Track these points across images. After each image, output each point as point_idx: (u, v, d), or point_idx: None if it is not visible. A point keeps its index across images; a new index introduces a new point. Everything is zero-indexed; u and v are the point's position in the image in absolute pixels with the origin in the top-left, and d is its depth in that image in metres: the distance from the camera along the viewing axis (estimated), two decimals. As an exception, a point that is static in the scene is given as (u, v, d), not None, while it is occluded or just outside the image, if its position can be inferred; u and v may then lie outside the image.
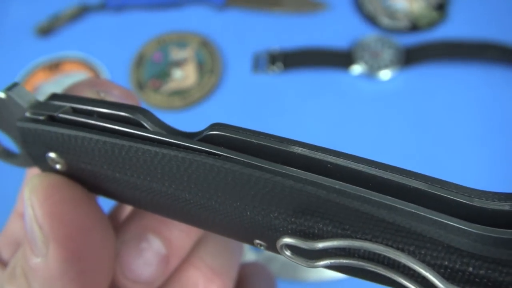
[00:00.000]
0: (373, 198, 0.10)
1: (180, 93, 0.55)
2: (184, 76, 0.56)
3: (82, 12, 0.62)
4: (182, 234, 0.17)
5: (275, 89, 0.55)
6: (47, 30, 0.60)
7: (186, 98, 0.54)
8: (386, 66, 0.53)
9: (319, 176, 0.11)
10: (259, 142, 0.12)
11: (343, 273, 0.13)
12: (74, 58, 0.59)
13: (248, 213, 0.12)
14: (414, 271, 0.10)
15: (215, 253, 0.18)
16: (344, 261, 0.12)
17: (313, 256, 0.12)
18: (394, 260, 0.11)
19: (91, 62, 0.58)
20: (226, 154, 0.12)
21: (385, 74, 0.53)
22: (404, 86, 0.54)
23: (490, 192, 0.10)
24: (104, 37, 0.60)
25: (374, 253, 0.11)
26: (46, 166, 0.15)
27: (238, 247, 0.19)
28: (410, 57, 0.54)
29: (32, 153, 0.15)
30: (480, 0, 0.58)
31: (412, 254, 0.10)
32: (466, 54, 0.53)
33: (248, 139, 0.12)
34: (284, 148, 0.12)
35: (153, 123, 0.13)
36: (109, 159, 0.13)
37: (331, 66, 0.55)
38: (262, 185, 0.12)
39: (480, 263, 0.10)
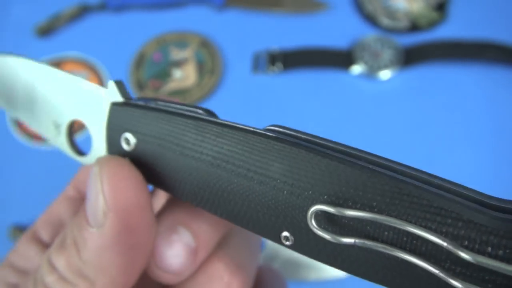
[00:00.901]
0: (406, 170, 0.12)
1: (180, 93, 0.55)
2: (184, 76, 0.56)
3: (82, 12, 0.62)
4: (211, 229, 0.18)
5: (275, 89, 0.55)
6: (47, 30, 0.60)
7: (186, 98, 0.54)
8: (386, 66, 0.54)
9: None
10: (306, 137, 0.14)
11: (355, 272, 0.14)
12: (74, 58, 0.59)
13: (285, 192, 0.14)
14: (435, 250, 0.11)
15: (238, 250, 0.19)
16: (368, 242, 0.12)
17: (339, 232, 0.13)
18: (416, 240, 0.12)
19: (91, 62, 0.58)
20: (285, 138, 0.14)
21: (385, 74, 0.53)
22: (404, 86, 0.54)
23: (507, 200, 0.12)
24: (104, 37, 0.60)
25: (398, 234, 0.12)
26: (114, 150, 0.18)
27: (257, 247, 0.21)
28: (410, 57, 0.54)
29: (110, 135, 0.17)
30: (479, 0, 0.58)
31: (434, 230, 0.11)
32: (465, 54, 0.53)
33: (299, 134, 0.15)
34: (322, 142, 0.14)
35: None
36: (175, 137, 0.16)
37: (331, 66, 0.55)
38: (307, 163, 0.13)
39: (499, 240, 0.10)
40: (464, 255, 0.11)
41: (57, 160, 0.53)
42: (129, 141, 0.17)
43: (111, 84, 0.17)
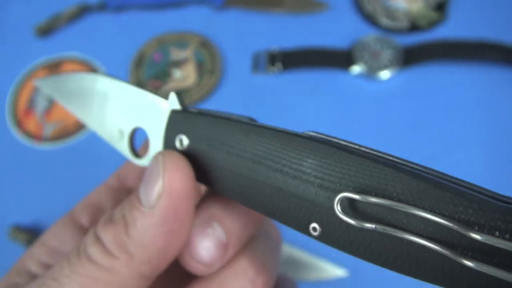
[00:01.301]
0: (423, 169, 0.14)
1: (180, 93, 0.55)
2: (184, 76, 0.56)
3: (82, 12, 0.62)
4: (242, 227, 0.20)
5: (275, 89, 0.55)
6: (47, 30, 0.60)
7: (186, 98, 0.54)
8: (385, 66, 0.54)
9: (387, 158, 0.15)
10: (337, 140, 0.17)
11: (376, 261, 0.15)
12: (74, 58, 0.59)
13: (315, 184, 0.16)
14: (448, 237, 0.13)
15: (263, 251, 0.21)
16: (388, 228, 0.14)
17: (362, 218, 0.14)
18: (431, 230, 0.13)
19: (91, 62, 0.59)
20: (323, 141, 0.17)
21: (385, 74, 0.53)
22: (403, 86, 0.54)
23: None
24: (104, 37, 0.60)
25: (415, 222, 0.13)
26: (170, 149, 0.20)
27: (279, 251, 0.23)
28: (409, 57, 0.54)
29: (167, 137, 0.20)
30: (479, 0, 0.59)
31: (448, 217, 0.13)
32: (465, 54, 0.53)
33: (331, 138, 0.17)
34: (350, 144, 0.16)
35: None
36: (226, 139, 0.18)
37: (331, 66, 0.55)
38: (337, 158, 0.15)
39: (505, 225, 0.12)
40: (475, 235, 0.12)
41: (57, 160, 0.53)
42: (182, 142, 0.19)
43: (172, 95, 0.20)
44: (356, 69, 0.54)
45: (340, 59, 0.55)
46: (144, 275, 0.18)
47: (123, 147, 0.22)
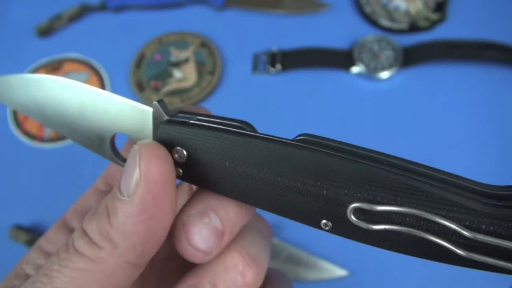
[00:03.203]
0: (425, 171, 0.16)
1: (180, 93, 0.55)
2: (184, 76, 0.56)
3: (82, 12, 0.62)
4: (236, 216, 0.20)
5: (275, 90, 0.55)
6: (47, 31, 0.61)
7: (186, 99, 0.55)
8: (385, 66, 0.54)
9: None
10: (335, 144, 0.18)
11: (385, 248, 0.17)
12: (74, 58, 0.59)
13: (325, 191, 0.17)
14: (445, 229, 0.15)
15: (253, 244, 0.22)
16: (394, 227, 0.16)
17: (371, 221, 0.16)
18: (430, 223, 0.16)
19: (91, 63, 0.59)
20: (315, 148, 0.17)
21: (385, 74, 0.54)
22: (403, 86, 0.54)
23: (495, 186, 0.16)
24: (104, 37, 0.61)
25: (417, 220, 0.16)
26: None
27: (269, 244, 0.24)
28: (409, 57, 0.54)
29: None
30: (479, 1, 0.59)
31: (443, 216, 0.15)
32: (464, 54, 0.53)
33: (327, 142, 0.18)
34: (349, 148, 0.17)
35: (255, 132, 0.19)
36: (224, 151, 0.19)
37: (330, 66, 0.55)
38: (342, 169, 0.17)
39: (489, 220, 0.15)
40: (465, 233, 0.15)
41: (57, 160, 0.53)
42: (180, 155, 0.20)
43: (155, 104, 0.20)
44: (356, 69, 0.54)
45: (340, 59, 0.55)
46: (131, 263, 0.18)
47: (106, 152, 0.22)
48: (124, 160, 0.21)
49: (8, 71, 0.59)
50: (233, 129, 0.19)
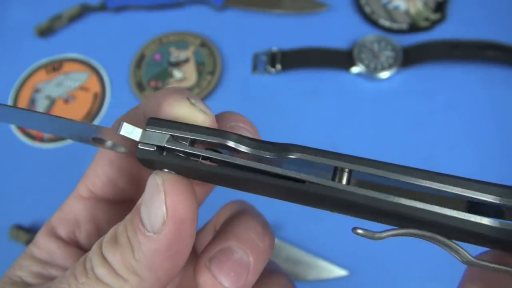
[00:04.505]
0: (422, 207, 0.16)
1: (180, 93, 0.55)
2: (184, 76, 0.56)
3: (82, 12, 0.62)
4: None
5: (275, 90, 0.55)
6: (47, 31, 0.61)
7: (186, 98, 0.55)
8: (385, 67, 0.54)
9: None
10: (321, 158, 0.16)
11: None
12: (75, 58, 0.59)
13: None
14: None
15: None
16: (400, 231, 0.16)
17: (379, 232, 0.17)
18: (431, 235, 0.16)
19: (92, 63, 0.59)
20: (310, 180, 0.16)
21: (385, 74, 0.54)
22: (403, 86, 0.54)
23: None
24: (104, 37, 0.61)
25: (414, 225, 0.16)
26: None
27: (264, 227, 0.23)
28: (409, 57, 0.54)
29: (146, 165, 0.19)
30: (478, 1, 0.59)
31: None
32: (465, 54, 0.53)
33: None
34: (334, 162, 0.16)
35: (246, 145, 0.17)
36: (207, 178, 0.18)
37: (330, 66, 0.55)
38: (334, 203, 0.16)
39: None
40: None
41: (57, 160, 0.53)
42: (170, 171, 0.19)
43: (126, 127, 0.18)
44: (356, 69, 0.54)
45: (340, 59, 0.55)
46: None
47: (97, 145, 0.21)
48: (120, 146, 0.20)
49: (8, 71, 0.59)
50: (211, 156, 0.17)
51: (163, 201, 0.17)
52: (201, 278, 0.20)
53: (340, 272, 0.44)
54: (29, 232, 0.48)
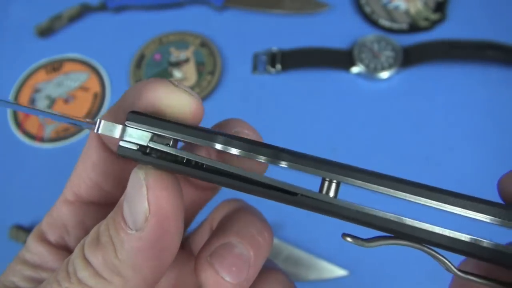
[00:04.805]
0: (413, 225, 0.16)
1: (180, 93, 0.55)
2: (184, 76, 0.56)
3: (82, 12, 0.62)
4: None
5: (275, 90, 0.55)
6: (47, 31, 0.61)
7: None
8: (385, 66, 0.54)
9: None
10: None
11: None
12: (75, 58, 0.59)
13: None
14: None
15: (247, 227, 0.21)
16: (389, 242, 0.16)
17: (367, 241, 0.17)
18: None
19: (92, 63, 0.59)
20: (296, 192, 0.16)
21: (385, 74, 0.54)
22: (403, 86, 0.54)
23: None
24: (104, 37, 0.61)
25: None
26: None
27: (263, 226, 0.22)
28: (409, 57, 0.54)
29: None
30: (478, 1, 0.59)
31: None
32: (464, 54, 0.53)
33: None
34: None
35: (237, 147, 0.16)
36: (196, 178, 0.17)
37: (330, 66, 0.55)
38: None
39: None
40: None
41: (57, 160, 0.53)
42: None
43: (104, 125, 0.17)
44: (356, 69, 0.54)
45: (340, 59, 0.55)
46: None
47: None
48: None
49: (8, 71, 0.59)
50: (193, 159, 0.17)
51: (145, 196, 0.16)
52: (202, 274, 0.19)
53: (340, 272, 0.44)
54: (29, 232, 0.48)
